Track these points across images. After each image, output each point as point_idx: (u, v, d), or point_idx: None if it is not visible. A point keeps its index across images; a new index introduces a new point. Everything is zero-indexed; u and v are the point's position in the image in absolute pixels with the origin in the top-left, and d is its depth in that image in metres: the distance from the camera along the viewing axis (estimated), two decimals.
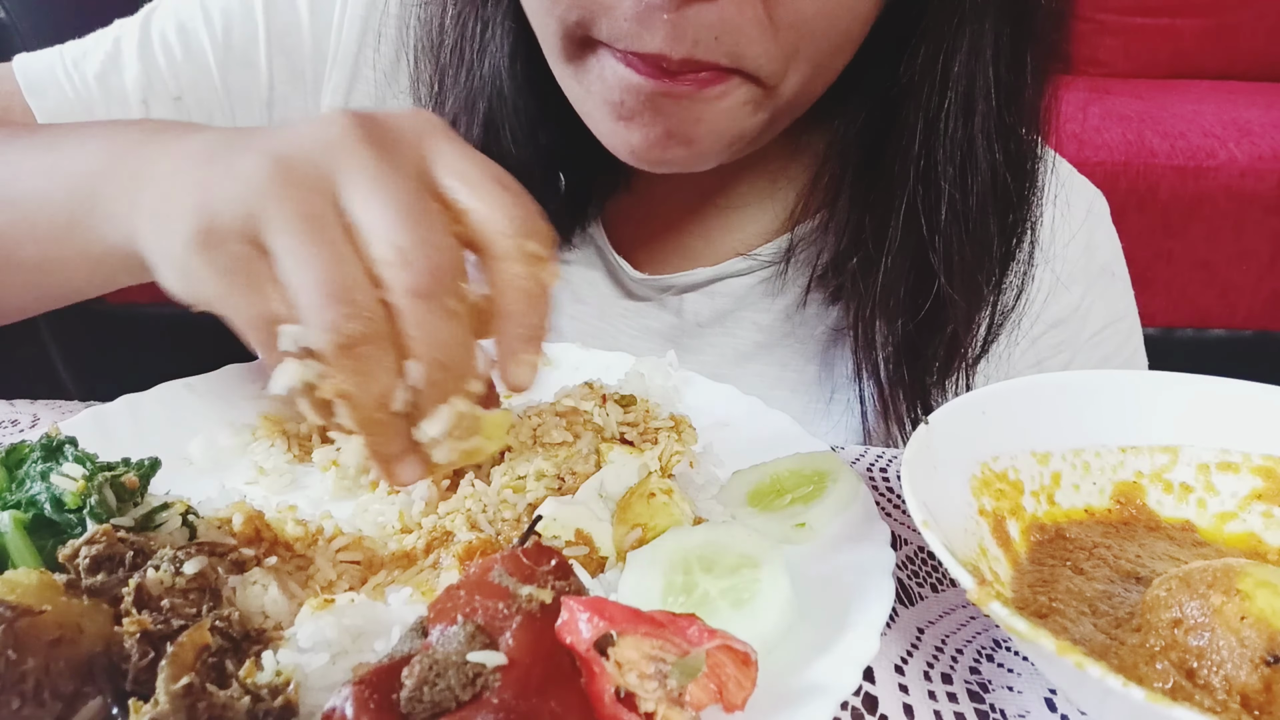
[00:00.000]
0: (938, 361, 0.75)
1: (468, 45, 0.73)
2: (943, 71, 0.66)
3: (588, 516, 0.49)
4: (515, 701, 0.33)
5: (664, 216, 0.82)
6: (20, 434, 0.66)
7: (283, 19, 0.81)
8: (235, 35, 0.80)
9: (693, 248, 0.82)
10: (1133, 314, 0.87)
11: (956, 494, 0.48)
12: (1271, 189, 2.16)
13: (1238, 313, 2.28)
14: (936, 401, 0.77)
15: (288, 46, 0.81)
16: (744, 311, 0.82)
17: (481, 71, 0.72)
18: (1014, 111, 0.69)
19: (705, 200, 0.82)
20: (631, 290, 0.83)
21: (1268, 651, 0.38)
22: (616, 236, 0.82)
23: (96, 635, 0.38)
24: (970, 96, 0.67)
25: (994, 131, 0.69)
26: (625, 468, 0.54)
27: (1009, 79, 0.68)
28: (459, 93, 0.74)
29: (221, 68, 0.80)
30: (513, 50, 0.71)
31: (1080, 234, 0.83)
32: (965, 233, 0.70)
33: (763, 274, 0.81)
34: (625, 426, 0.59)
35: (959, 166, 0.68)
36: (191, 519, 0.47)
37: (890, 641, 0.48)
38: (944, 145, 0.68)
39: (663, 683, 0.35)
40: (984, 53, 0.66)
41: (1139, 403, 0.56)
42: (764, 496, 0.54)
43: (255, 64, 0.80)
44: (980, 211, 0.70)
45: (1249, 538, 0.52)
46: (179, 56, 0.79)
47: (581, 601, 0.36)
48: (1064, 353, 0.82)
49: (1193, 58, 2.80)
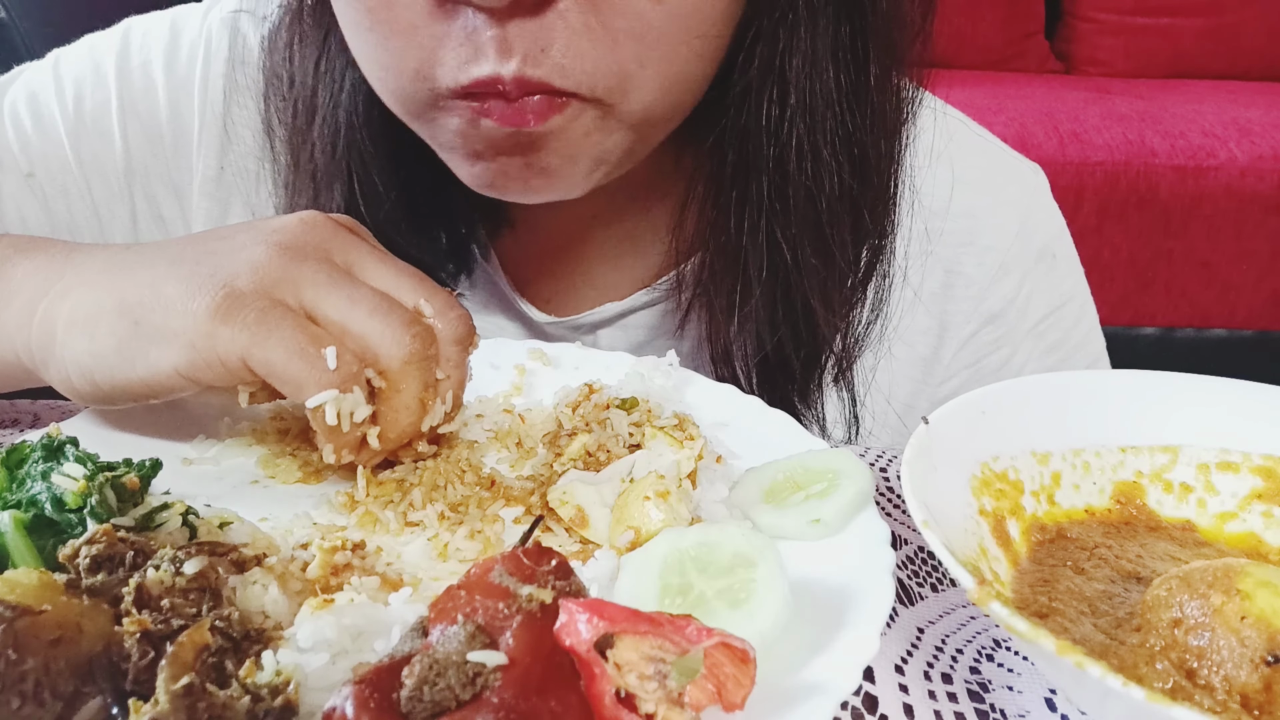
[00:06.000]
0: (796, 374, 0.73)
1: (319, 99, 0.70)
2: (779, 75, 0.63)
3: (596, 500, 0.49)
4: (515, 701, 0.33)
5: (559, 252, 0.80)
6: (21, 434, 0.66)
7: (136, 84, 0.77)
8: (86, 105, 0.77)
9: (596, 282, 0.80)
10: (1081, 295, 0.83)
11: (956, 494, 0.48)
12: (1271, 189, 2.16)
13: (1238, 313, 2.28)
14: (803, 416, 0.75)
15: (141, 112, 0.77)
16: (661, 340, 0.80)
17: (335, 126, 0.70)
18: (858, 116, 0.66)
19: (598, 229, 0.79)
20: (543, 331, 0.80)
21: (1268, 651, 0.38)
22: (515, 277, 0.80)
23: (96, 635, 0.38)
24: (811, 101, 0.64)
25: (838, 136, 0.66)
26: (660, 457, 0.54)
27: (850, 82, 0.65)
28: (319, 150, 0.71)
29: (73, 138, 0.76)
30: (367, 100, 0.68)
31: (1012, 220, 0.79)
32: (816, 242, 0.68)
33: (667, 305, 0.79)
34: (632, 428, 0.59)
35: (805, 174, 0.66)
36: (191, 519, 0.47)
37: (890, 641, 0.48)
38: (791, 153, 0.65)
39: (662, 683, 0.35)
40: (821, 55, 0.63)
41: (1139, 403, 0.55)
42: (778, 493, 0.54)
43: (108, 132, 0.77)
44: (832, 219, 0.68)
45: (1249, 538, 0.52)
46: (29, 129, 0.76)
47: (580, 603, 0.36)
48: (1003, 348, 0.80)
49: (1193, 58, 2.81)
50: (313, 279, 0.52)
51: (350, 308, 0.51)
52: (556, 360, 0.70)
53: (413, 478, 0.55)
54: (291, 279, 0.51)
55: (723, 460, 0.58)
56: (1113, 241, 2.20)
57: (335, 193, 0.71)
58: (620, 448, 0.57)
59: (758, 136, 0.66)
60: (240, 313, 0.49)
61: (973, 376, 0.80)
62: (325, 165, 0.71)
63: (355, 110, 0.69)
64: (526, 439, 0.61)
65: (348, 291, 0.52)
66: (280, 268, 0.51)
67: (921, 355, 0.80)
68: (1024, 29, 2.92)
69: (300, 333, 0.50)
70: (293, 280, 0.51)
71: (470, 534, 0.51)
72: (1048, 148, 2.20)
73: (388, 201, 0.71)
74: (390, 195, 0.71)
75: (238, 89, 0.78)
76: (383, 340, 0.51)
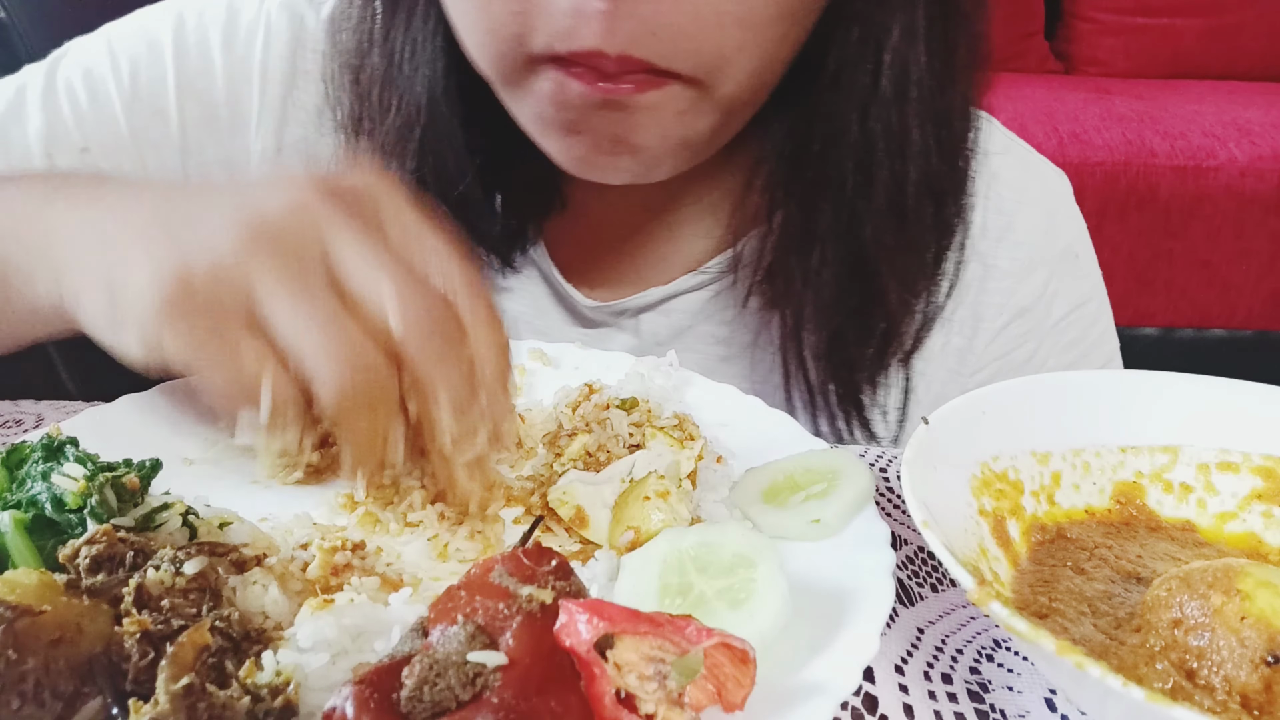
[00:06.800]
0: (868, 359, 0.74)
1: (396, 70, 0.70)
2: (874, 57, 0.64)
3: (596, 500, 0.49)
4: (516, 701, 0.33)
5: (608, 237, 0.80)
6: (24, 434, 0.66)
7: (193, 63, 0.77)
8: (142, 81, 0.76)
9: (642, 267, 0.81)
10: (1100, 295, 0.86)
11: (956, 494, 0.48)
12: (1271, 189, 2.16)
13: (1238, 313, 2.28)
14: (868, 399, 0.76)
15: (199, 90, 0.77)
16: (702, 326, 0.81)
17: (412, 97, 0.70)
18: (945, 99, 0.68)
19: (648, 217, 0.80)
20: (585, 316, 0.81)
21: (1268, 651, 0.38)
22: (561, 260, 0.80)
23: (96, 635, 0.38)
24: (904, 83, 0.65)
25: (928, 119, 0.67)
26: (660, 457, 0.54)
27: (940, 65, 0.66)
28: (390, 123, 0.71)
29: (129, 115, 0.76)
30: (445, 70, 0.68)
31: (1040, 217, 0.81)
32: (901, 226, 0.69)
33: (715, 287, 0.80)
34: (632, 428, 0.59)
35: (894, 156, 0.67)
36: (191, 519, 0.47)
37: (890, 641, 0.48)
38: (880, 135, 0.66)
39: (662, 684, 0.35)
40: (916, 37, 0.64)
41: (1139, 403, 0.55)
42: (779, 493, 0.54)
43: (164, 111, 0.77)
44: (916, 203, 0.69)
45: (1249, 538, 0.52)
46: (84, 105, 0.76)
47: (580, 603, 0.36)
48: (1030, 342, 0.81)
49: (1193, 58, 2.81)
50: (271, 283, 0.44)
51: (297, 328, 0.44)
52: (556, 360, 0.70)
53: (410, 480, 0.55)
54: (246, 277, 0.44)
55: (723, 460, 0.58)
56: (1113, 241, 2.20)
57: (401, 169, 0.71)
58: (620, 448, 0.57)
59: (847, 118, 0.66)
60: (185, 319, 0.44)
61: (1002, 368, 0.82)
62: (395, 141, 0.71)
63: (436, 80, 0.69)
64: (526, 439, 0.61)
65: (304, 306, 0.44)
66: (237, 261, 0.44)
67: (957, 346, 0.81)
68: (1024, 29, 2.92)
69: (236, 361, 0.44)
70: (246, 280, 0.44)
71: (470, 534, 0.51)
72: (1047, 148, 2.20)
73: (457, 179, 0.71)
74: (461, 172, 0.71)
75: (299, 72, 0.79)
76: (319, 374, 0.44)
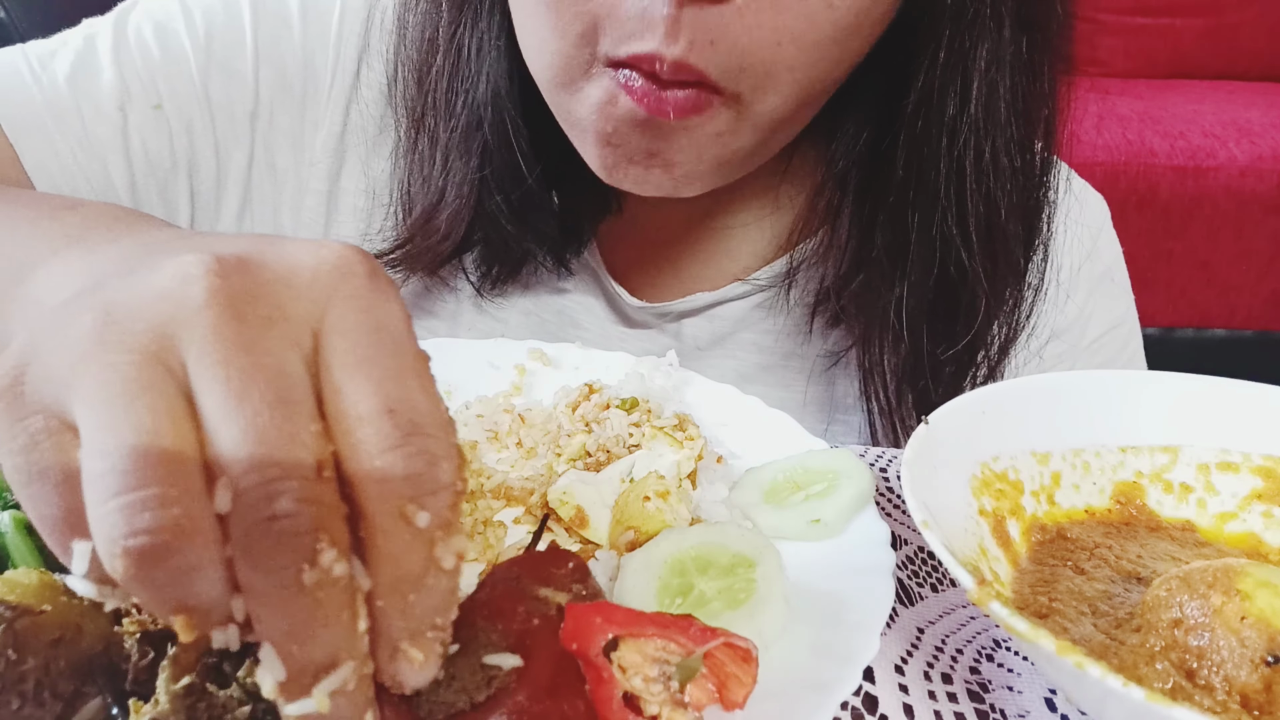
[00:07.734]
0: (946, 379, 0.74)
1: (465, 66, 0.70)
2: (963, 81, 0.65)
3: (596, 500, 0.49)
4: (529, 704, 0.33)
5: (659, 240, 0.81)
6: None
7: (271, 28, 0.77)
8: (218, 41, 0.76)
9: (690, 272, 0.81)
10: (1132, 318, 0.87)
11: (956, 494, 0.48)
12: (1271, 189, 2.16)
13: (1238, 313, 2.28)
14: None
15: (275, 56, 0.77)
16: (743, 333, 0.81)
17: (477, 96, 0.70)
18: (1030, 121, 0.68)
19: (699, 222, 0.80)
20: (629, 317, 0.82)
21: (1268, 651, 0.38)
22: (612, 261, 0.81)
23: (96, 635, 0.38)
24: (993, 107, 0.65)
25: (1015, 142, 0.67)
26: (660, 457, 0.54)
27: (1027, 87, 0.67)
28: (455, 123, 0.71)
29: (203, 74, 0.75)
30: (509, 70, 0.69)
31: (1085, 239, 0.83)
32: (992, 248, 0.69)
33: (760, 296, 0.80)
34: (632, 428, 0.59)
35: (985, 179, 0.67)
36: None
37: (890, 641, 0.48)
38: (970, 158, 0.66)
39: (667, 685, 0.35)
40: (1004, 61, 0.65)
41: (1139, 403, 0.56)
42: (779, 493, 0.54)
43: (241, 73, 0.76)
44: (1008, 224, 0.69)
45: (1249, 538, 0.52)
46: (157, 59, 0.74)
47: (584, 606, 0.36)
48: (1064, 362, 0.82)
49: (1193, 58, 2.80)
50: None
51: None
52: (556, 360, 0.70)
53: None
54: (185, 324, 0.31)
55: (723, 460, 0.58)
56: None
57: (465, 168, 0.71)
58: (620, 448, 0.57)
59: (936, 144, 0.66)
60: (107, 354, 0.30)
61: None
62: (460, 141, 0.71)
63: (501, 81, 0.69)
64: (526, 439, 0.61)
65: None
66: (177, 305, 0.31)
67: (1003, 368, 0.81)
68: None
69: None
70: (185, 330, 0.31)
71: (470, 533, 0.51)
72: None
73: (520, 180, 0.71)
74: (524, 174, 0.71)
75: (370, 51, 0.78)
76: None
